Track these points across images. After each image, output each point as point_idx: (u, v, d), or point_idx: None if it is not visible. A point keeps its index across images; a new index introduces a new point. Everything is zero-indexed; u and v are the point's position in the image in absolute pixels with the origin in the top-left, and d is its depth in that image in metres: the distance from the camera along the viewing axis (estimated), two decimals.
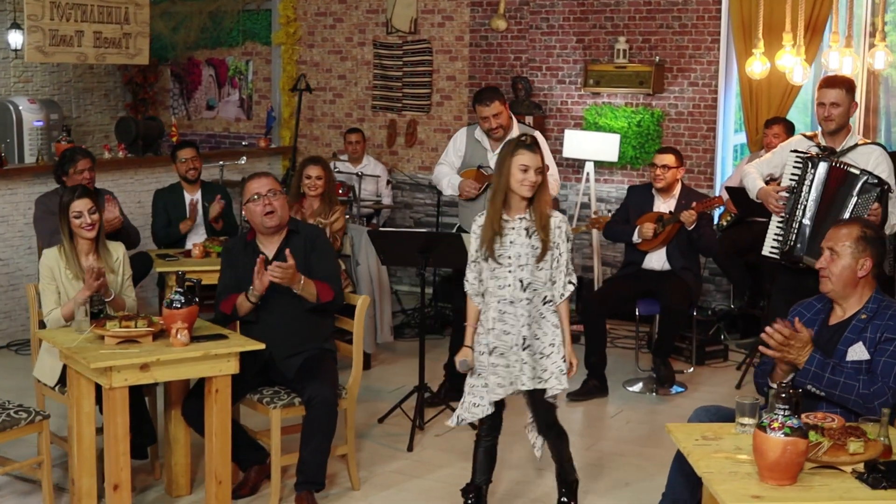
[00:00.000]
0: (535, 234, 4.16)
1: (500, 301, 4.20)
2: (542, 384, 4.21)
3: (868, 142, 5.24)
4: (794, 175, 5.07)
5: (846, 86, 5.08)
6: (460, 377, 6.14)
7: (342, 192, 7.36)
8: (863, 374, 3.44)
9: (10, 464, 4.51)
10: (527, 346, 4.18)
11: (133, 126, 8.28)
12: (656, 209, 6.40)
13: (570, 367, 4.22)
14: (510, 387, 4.22)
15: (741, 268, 7.37)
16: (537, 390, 4.23)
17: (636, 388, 6.44)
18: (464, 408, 4.33)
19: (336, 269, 4.83)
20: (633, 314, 6.47)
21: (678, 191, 6.38)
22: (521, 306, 4.17)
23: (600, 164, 8.29)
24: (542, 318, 4.20)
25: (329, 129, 9.76)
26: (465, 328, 6.08)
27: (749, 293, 7.51)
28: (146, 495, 4.72)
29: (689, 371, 6.84)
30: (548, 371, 4.21)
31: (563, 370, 4.21)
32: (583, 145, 8.05)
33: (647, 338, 7.06)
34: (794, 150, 5.15)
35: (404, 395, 5.80)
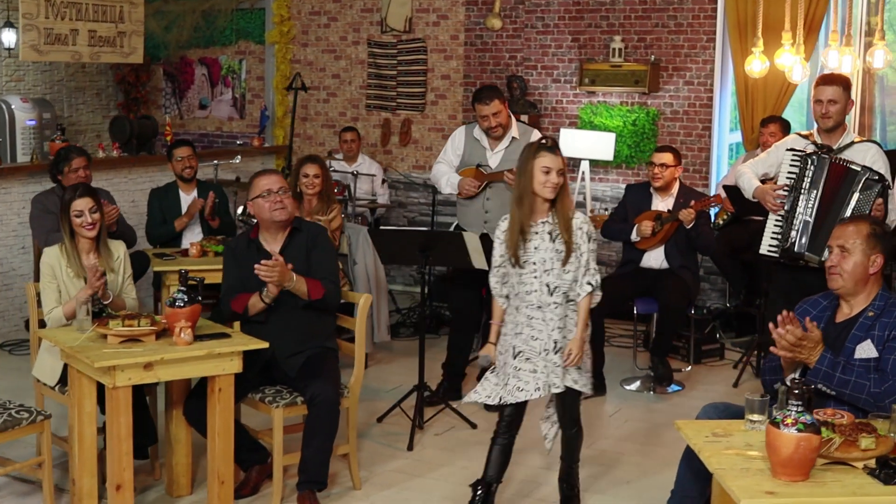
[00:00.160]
0: (558, 238, 4.18)
1: (528, 306, 4.22)
2: (575, 385, 4.27)
3: (864, 139, 5.26)
4: (792, 173, 5.07)
5: (843, 83, 5.10)
6: (459, 377, 6.21)
7: (337, 190, 7.34)
8: (872, 373, 3.44)
9: (9, 464, 4.47)
10: (558, 349, 4.20)
11: (127, 125, 8.25)
12: (654, 208, 6.40)
13: (568, 356, 4.20)
14: (536, 392, 4.21)
15: (738, 266, 7.38)
16: (568, 388, 4.27)
17: (634, 386, 6.44)
18: (474, 390, 4.40)
19: (336, 267, 4.82)
20: (631, 313, 6.47)
21: (676, 189, 6.39)
22: (550, 310, 4.20)
23: (595, 163, 8.29)
24: (568, 318, 4.25)
25: (323, 129, 9.74)
26: (464, 327, 6.16)
27: (745, 292, 7.52)
28: (146, 495, 4.69)
29: (687, 370, 6.85)
30: (581, 371, 4.28)
31: (589, 373, 4.31)
32: (578, 144, 8.06)
33: (644, 336, 7.06)
34: (790, 149, 5.16)
35: (403, 395, 5.78)
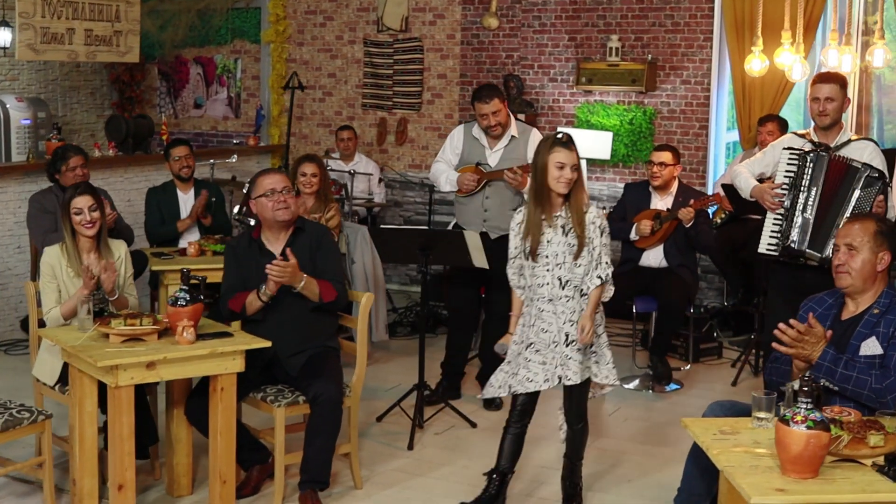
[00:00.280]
0: (571, 232, 4.22)
1: (539, 299, 4.29)
2: (596, 378, 4.34)
3: (861, 137, 5.26)
4: (790, 171, 5.07)
5: (839, 81, 5.11)
6: (458, 376, 6.20)
7: (334, 189, 7.33)
8: (875, 369, 3.45)
9: (9, 464, 4.44)
10: (570, 341, 4.24)
11: (123, 124, 8.22)
12: (653, 206, 6.41)
13: (582, 330, 4.21)
14: (545, 383, 4.26)
15: (736, 265, 7.38)
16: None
17: (632, 385, 6.43)
18: (489, 383, 4.46)
19: (342, 268, 4.80)
20: (630, 311, 6.46)
21: (675, 188, 6.39)
22: (562, 304, 4.25)
23: (592, 162, 8.29)
24: (574, 312, 4.27)
25: (318, 128, 9.72)
26: (463, 326, 6.15)
27: (743, 290, 7.53)
28: (147, 495, 4.66)
29: (687, 368, 6.85)
30: (599, 365, 4.35)
31: (613, 364, 4.40)
32: (575, 143, 8.03)
33: (642, 335, 7.05)
34: (787, 148, 5.16)
35: (402, 394, 5.77)
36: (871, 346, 3.50)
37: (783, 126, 7.13)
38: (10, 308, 7.35)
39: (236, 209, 6.56)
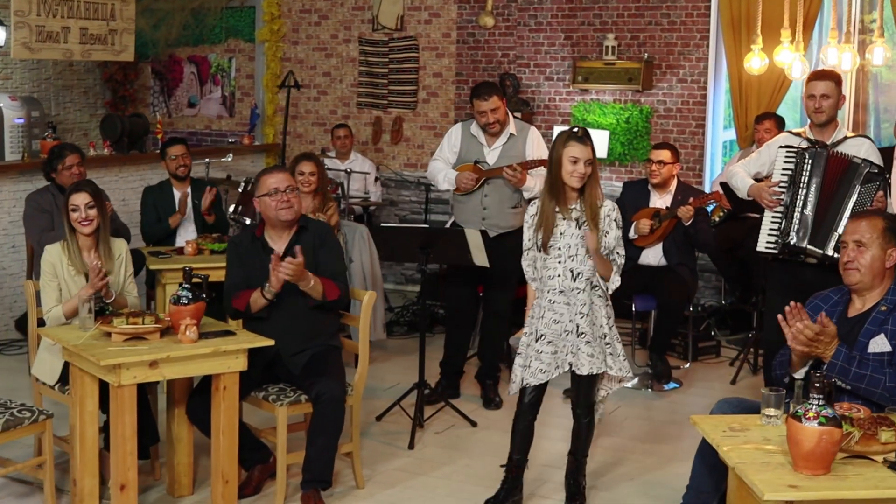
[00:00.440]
0: (584, 225, 4.27)
1: (550, 291, 4.34)
2: (611, 371, 4.36)
3: (857, 135, 5.26)
4: (787, 168, 5.06)
5: (835, 78, 5.13)
6: (457, 374, 6.18)
7: (330, 188, 7.30)
8: (887, 367, 3.45)
9: (9, 464, 4.41)
10: (581, 332, 4.29)
11: (118, 123, 8.18)
12: (652, 205, 6.40)
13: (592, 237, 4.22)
14: (555, 371, 4.33)
15: (734, 263, 7.38)
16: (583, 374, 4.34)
17: (632, 384, 6.41)
18: (511, 380, 4.49)
19: (344, 267, 4.77)
20: (629, 310, 6.45)
21: (674, 186, 6.39)
22: (573, 295, 4.31)
23: None
24: (594, 304, 4.32)
25: (313, 127, 9.69)
26: (461, 325, 6.13)
27: (741, 289, 7.53)
28: (147, 496, 4.63)
29: (686, 367, 6.84)
30: (614, 357, 4.37)
31: (625, 357, 4.41)
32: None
33: (641, 334, 7.04)
34: (783, 146, 5.15)
35: (402, 393, 5.75)
36: (879, 344, 3.49)
37: (780, 124, 7.12)
38: (4, 308, 7.30)
39: (231, 208, 6.54)
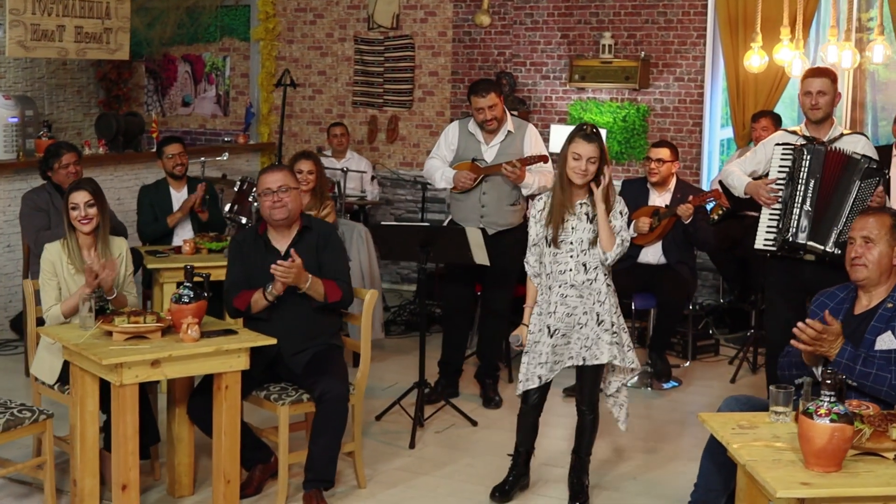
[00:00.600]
0: (595, 219, 4.31)
1: (561, 285, 4.36)
2: (615, 360, 4.36)
3: (853, 132, 5.26)
4: (785, 165, 5.04)
5: (831, 75, 5.13)
6: (456, 373, 6.16)
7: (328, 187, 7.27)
8: (893, 364, 3.44)
9: (9, 465, 4.37)
10: (601, 320, 4.34)
11: (114, 122, 8.14)
12: (651, 203, 6.39)
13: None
14: (569, 361, 4.36)
15: (734, 262, 7.38)
16: (587, 366, 4.38)
17: (631, 382, 6.39)
18: (519, 379, 4.50)
19: (347, 267, 4.74)
20: (629, 309, 6.43)
21: (673, 185, 6.38)
22: (587, 287, 4.35)
23: None
24: (600, 293, 4.35)
25: (308, 126, 9.66)
26: (459, 324, 6.11)
27: (739, 288, 7.52)
28: (148, 496, 4.59)
29: (685, 365, 6.83)
30: (622, 347, 4.39)
31: (630, 347, 4.43)
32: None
33: (640, 333, 7.04)
34: (780, 143, 5.14)
35: (401, 393, 5.72)
36: (886, 341, 3.48)
37: (777, 122, 7.11)
38: None
39: (227, 207, 6.51)
